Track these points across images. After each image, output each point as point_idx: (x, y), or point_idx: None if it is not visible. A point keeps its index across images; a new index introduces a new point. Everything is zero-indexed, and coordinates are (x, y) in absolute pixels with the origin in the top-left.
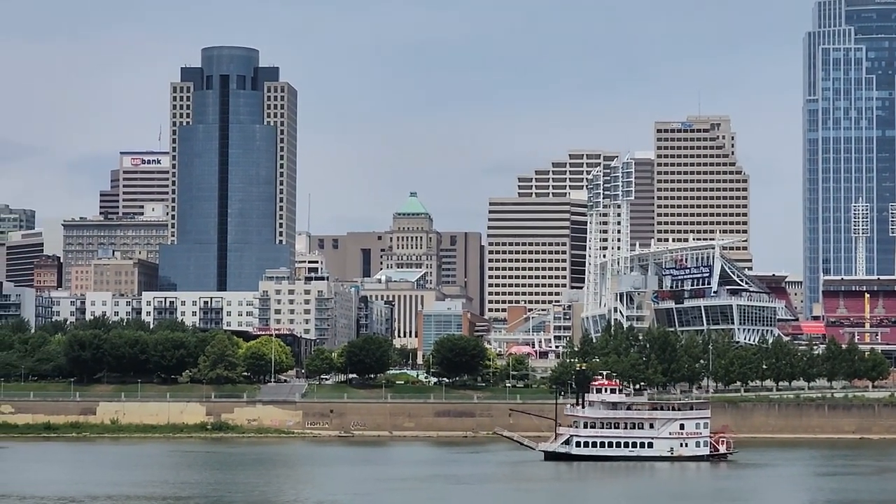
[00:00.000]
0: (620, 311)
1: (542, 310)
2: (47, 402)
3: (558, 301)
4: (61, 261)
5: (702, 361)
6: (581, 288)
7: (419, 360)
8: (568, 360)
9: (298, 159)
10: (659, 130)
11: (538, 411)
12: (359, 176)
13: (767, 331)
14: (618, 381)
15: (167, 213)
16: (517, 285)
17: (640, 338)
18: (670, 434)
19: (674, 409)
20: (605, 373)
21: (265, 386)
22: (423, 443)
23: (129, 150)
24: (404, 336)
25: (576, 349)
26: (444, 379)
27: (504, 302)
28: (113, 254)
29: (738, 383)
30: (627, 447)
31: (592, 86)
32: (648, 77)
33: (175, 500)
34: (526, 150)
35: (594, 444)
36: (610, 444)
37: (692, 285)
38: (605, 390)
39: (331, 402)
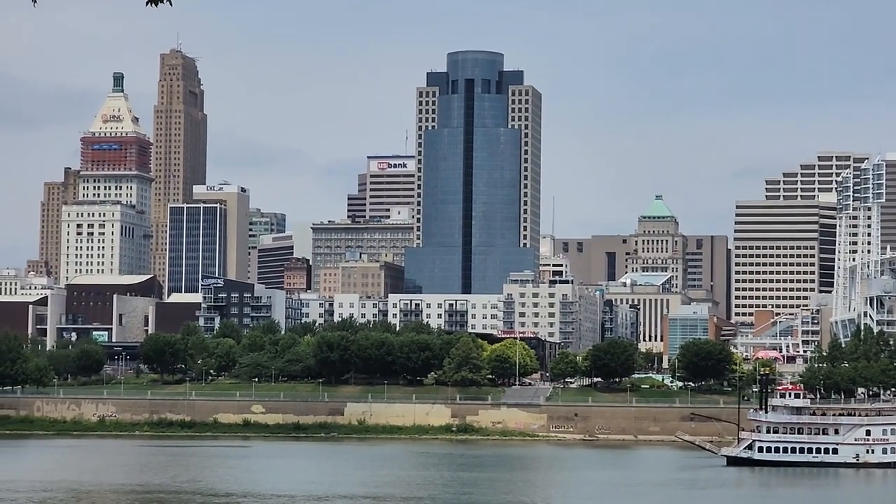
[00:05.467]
0: (870, 316)
1: (790, 314)
2: (297, 402)
3: (806, 305)
4: (310, 263)
5: None
6: (830, 292)
7: (664, 365)
8: (816, 366)
9: (543, 162)
10: None
11: (724, 416)
12: (603, 179)
13: None
14: (802, 385)
15: (413, 217)
16: (764, 289)
17: (891, 343)
18: (856, 440)
19: (860, 414)
20: (789, 377)
21: (509, 389)
22: (667, 447)
23: (377, 154)
24: (649, 340)
25: (824, 354)
26: (690, 383)
27: (751, 306)
28: (360, 256)
29: None
30: (811, 453)
31: (842, 86)
32: None
33: (421, 500)
34: (774, 152)
35: (777, 450)
36: (793, 450)
37: None
38: (789, 395)
39: (575, 406)
